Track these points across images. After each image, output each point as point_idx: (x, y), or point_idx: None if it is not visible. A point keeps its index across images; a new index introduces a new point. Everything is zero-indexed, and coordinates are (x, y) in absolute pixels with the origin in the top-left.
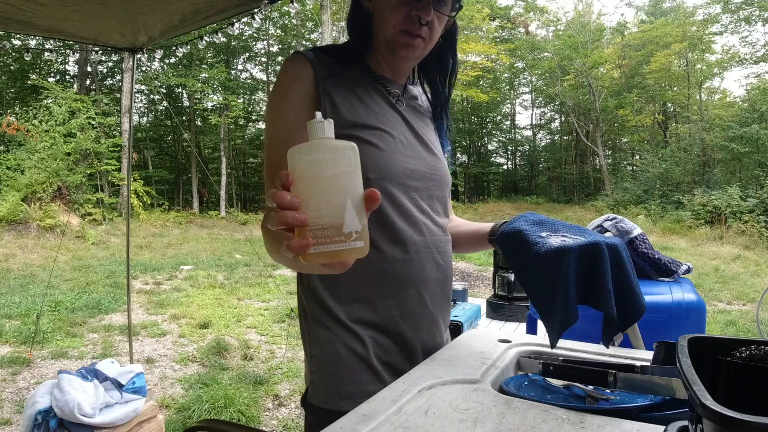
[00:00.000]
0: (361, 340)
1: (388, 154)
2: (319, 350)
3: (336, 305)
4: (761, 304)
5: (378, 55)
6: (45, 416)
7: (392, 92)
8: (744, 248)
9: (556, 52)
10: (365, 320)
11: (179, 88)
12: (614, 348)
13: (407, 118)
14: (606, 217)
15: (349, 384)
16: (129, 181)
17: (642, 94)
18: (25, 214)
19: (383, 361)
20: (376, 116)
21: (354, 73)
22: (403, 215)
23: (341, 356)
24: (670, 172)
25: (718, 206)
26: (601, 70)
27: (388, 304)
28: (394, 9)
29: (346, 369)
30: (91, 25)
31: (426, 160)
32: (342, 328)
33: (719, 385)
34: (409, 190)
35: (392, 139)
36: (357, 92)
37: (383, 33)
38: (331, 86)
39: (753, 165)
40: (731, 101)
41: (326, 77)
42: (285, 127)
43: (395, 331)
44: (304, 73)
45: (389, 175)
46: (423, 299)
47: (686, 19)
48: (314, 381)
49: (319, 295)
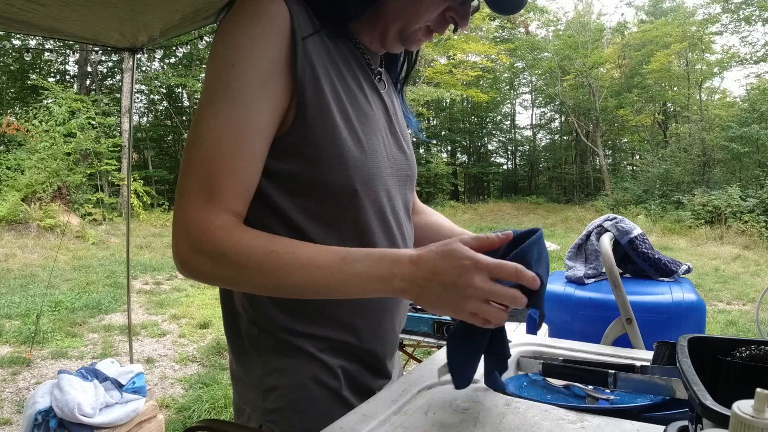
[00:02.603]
0: (332, 371)
1: (373, 159)
2: (282, 383)
3: (298, 330)
4: (761, 304)
5: (373, 28)
6: (45, 416)
7: (375, 70)
8: (744, 248)
9: (556, 52)
10: (334, 346)
11: (179, 88)
12: (614, 348)
13: (386, 103)
14: (606, 217)
15: (321, 419)
16: (129, 181)
17: (642, 94)
18: (25, 214)
19: (354, 388)
20: (359, 104)
21: (336, 39)
22: (384, 231)
23: (311, 391)
24: (670, 172)
25: (718, 206)
26: (601, 70)
27: (358, 324)
28: (434, 3)
29: (317, 404)
30: (91, 25)
31: (400, 159)
32: (308, 358)
33: (719, 385)
34: (392, 200)
35: (376, 139)
36: (338, 64)
37: (405, 19)
38: (312, 49)
39: (753, 165)
40: (731, 101)
41: (306, 36)
42: (247, 96)
43: (368, 351)
44: (280, 21)
45: (377, 182)
46: (392, 319)
47: (686, 19)
48: (275, 419)
49: (274, 318)
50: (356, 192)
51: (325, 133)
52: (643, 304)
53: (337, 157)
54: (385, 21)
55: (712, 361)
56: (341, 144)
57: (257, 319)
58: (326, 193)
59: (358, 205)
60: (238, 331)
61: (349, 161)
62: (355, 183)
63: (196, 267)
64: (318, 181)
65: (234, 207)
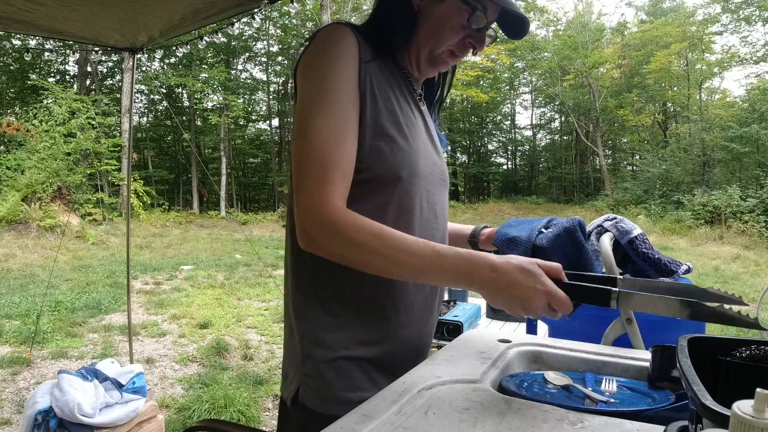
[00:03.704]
0: (360, 344)
1: (416, 153)
2: (318, 352)
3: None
4: (761, 304)
5: (411, 55)
6: (45, 416)
7: (417, 91)
8: (744, 248)
9: (556, 52)
10: (367, 340)
11: (179, 88)
12: (614, 348)
13: (426, 119)
14: (606, 217)
15: (347, 390)
16: (129, 181)
17: (642, 94)
18: (25, 214)
19: (379, 367)
20: (406, 113)
21: (387, 64)
22: (421, 227)
23: (341, 364)
24: (670, 172)
25: (718, 206)
26: (601, 70)
27: (395, 317)
28: (454, 30)
29: (347, 377)
30: (91, 25)
31: (438, 163)
32: (344, 334)
33: (719, 385)
34: (430, 194)
35: (419, 139)
36: (391, 84)
37: (432, 44)
38: (372, 71)
39: (753, 165)
40: (731, 101)
41: (368, 60)
42: (342, 101)
43: (401, 338)
44: (352, 47)
45: (419, 175)
46: (429, 304)
47: (686, 19)
48: (308, 383)
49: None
50: (400, 179)
51: (375, 129)
52: None
53: (387, 148)
54: (417, 48)
55: (712, 361)
56: (390, 139)
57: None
58: (376, 175)
59: (403, 193)
60: (288, 305)
61: (397, 152)
62: (401, 170)
63: (323, 245)
64: (371, 171)
65: (342, 190)
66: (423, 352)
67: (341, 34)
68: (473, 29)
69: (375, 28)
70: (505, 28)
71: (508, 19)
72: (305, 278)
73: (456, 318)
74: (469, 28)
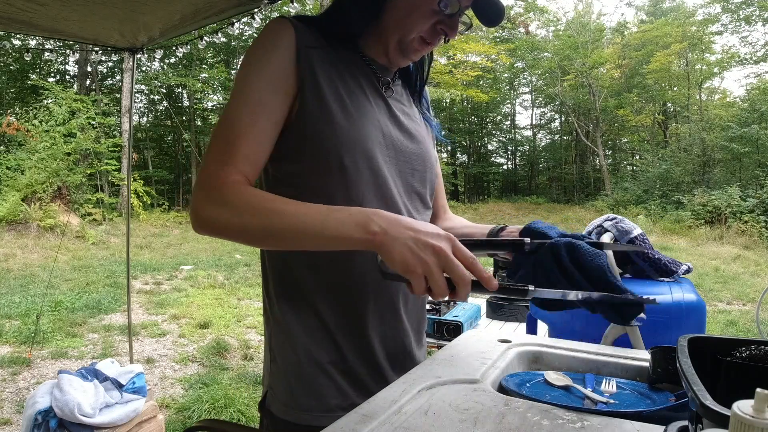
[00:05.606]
0: (325, 350)
1: (359, 129)
2: (281, 356)
3: (308, 305)
4: (761, 304)
5: (377, 42)
6: (45, 416)
7: (382, 79)
8: (744, 248)
9: (556, 52)
10: (331, 347)
11: (179, 88)
12: (614, 348)
13: (390, 104)
14: (606, 217)
15: (311, 398)
16: (129, 181)
17: (642, 94)
18: (25, 214)
19: (346, 374)
20: (356, 96)
21: (343, 53)
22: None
23: (303, 367)
24: (670, 172)
25: (718, 206)
26: (601, 70)
27: (362, 324)
28: (424, 15)
29: (309, 383)
30: (91, 25)
31: (407, 150)
32: (306, 337)
33: (719, 385)
34: (386, 182)
35: (367, 119)
36: (341, 71)
37: (400, 31)
38: (315, 57)
39: (753, 165)
40: (731, 101)
41: (310, 46)
42: (261, 90)
43: (369, 345)
44: (287, 38)
45: (362, 157)
46: (396, 310)
47: (686, 19)
48: (274, 388)
49: (286, 294)
50: (343, 163)
51: (318, 113)
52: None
53: (326, 124)
54: (386, 35)
55: (712, 361)
56: (330, 116)
57: (278, 292)
58: (318, 161)
59: (349, 179)
60: (269, 306)
61: (339, 134)
62: (343, 154)
63: (208, 216)
64: (312, 152)
65: (244, 170)
66: (397, 359)
67: (275, 26)
68: (445, 14)
69: (329, 15)
70: (480, 14)
71: (482, 5)
72: (272, 282)
73: (456, 318)
74: (441, 13)
